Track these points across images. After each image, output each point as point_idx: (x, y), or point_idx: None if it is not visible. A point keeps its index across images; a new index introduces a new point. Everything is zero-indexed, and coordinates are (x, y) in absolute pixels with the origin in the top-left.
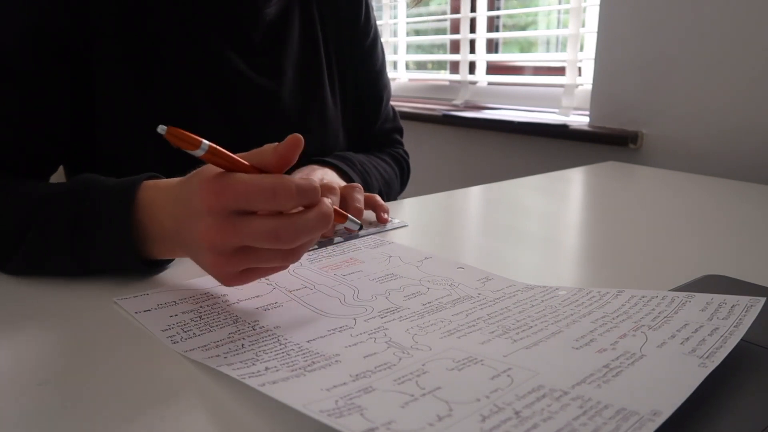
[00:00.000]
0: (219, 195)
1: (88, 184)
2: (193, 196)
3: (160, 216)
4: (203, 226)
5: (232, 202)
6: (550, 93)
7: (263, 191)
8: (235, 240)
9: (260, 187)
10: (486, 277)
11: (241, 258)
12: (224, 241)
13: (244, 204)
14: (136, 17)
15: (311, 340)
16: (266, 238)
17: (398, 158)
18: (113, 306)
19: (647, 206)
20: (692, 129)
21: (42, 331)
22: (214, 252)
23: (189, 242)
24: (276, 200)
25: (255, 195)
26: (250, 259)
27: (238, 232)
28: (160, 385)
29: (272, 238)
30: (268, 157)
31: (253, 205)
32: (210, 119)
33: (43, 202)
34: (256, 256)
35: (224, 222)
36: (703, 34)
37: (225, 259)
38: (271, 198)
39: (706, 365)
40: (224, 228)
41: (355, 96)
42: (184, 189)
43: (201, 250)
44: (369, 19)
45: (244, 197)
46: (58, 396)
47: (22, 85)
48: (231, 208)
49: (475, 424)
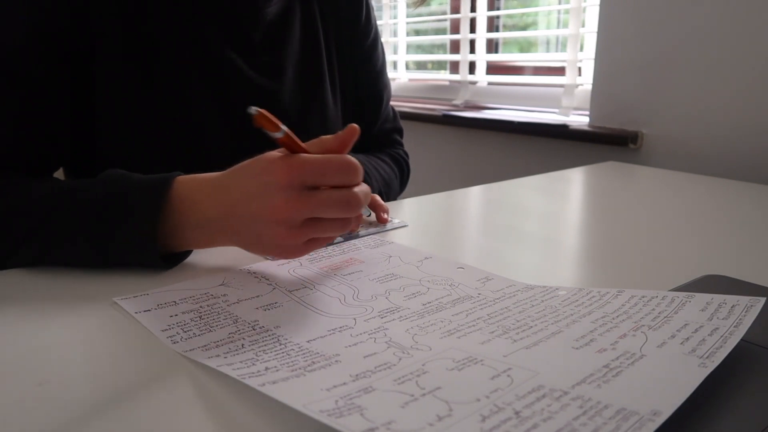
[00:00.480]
0: (297, 170)
1: (119, 177)
2: (264, 175)
3: (201, 206)
4: (281, 199)
5: (309, 176)
6: (550, 93)
7: (339, 166)
8: (309, 211)
9: (335, 162)
10: (486, 277)
11: (307, 229)
12: (299, 212)
13: (319, 178)
14: (136, 17)
15: (311, 340)
16: (338, 206)
17: (398, 159)
18: (113, 306)
19: (647, 206)
20: (692, 129)
21: (42, 331)
22: (285, 225)
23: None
24: (348, 174)
25: (331, 169)
26: (315, 230)
27: (313, 203)
28: (160, 385)
29: (343, 205)
30: (330, 142)
31: (327, 179)
32: (210, 119)
33: (69, 191)
34: (321, 226)
35: (299, 195)
36: (703, 34)
37: (296, 230)
38: (345, 172)
39: (706, 365)
40: (300, 200)
41: (355, 96)
42: (241, 176)
43: (271, 225)
44: (370, 20)
45: (320, 172)
46: (58, 396)
47: (23, 85)
48: (306, 183)
49: (475, 424)
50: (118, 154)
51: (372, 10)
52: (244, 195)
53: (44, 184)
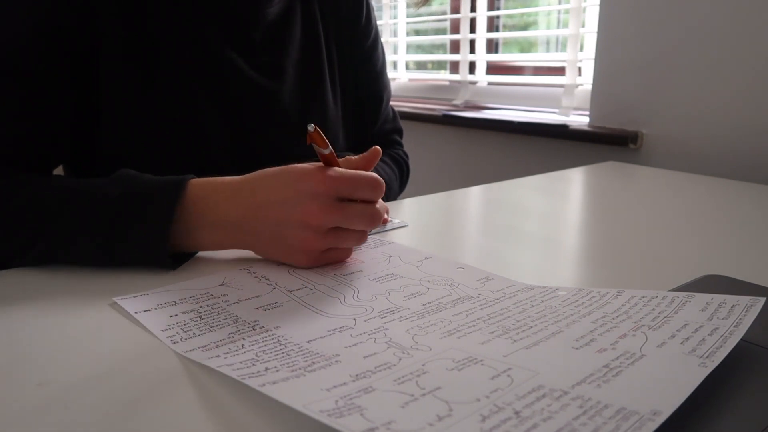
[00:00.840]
0: (333, 181)
1: (133, 177)
2: (302, 182)
3: (220, 207)
4: (315, 205)
5: (344, 188)
6: (550, 93)
7: (369, 183)
8: (338, 220)
9: (367, 179)
10: (486, 277)
11: (331, 237)
12: (331, 219)
13: (351, 191)
14: (136, 17)
15: (311, 341)
16: (364, 219)
17: (398, 159)
18: (113, 306)
19: (647, 206)
20: (692, 129)
21: (42, 330)
22: (312, 230)
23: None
24: (376, 191)
25: (362, 185)
26: (337, 239)
27: (342, 213)
28: (160, 386)
29: (368, 219)
30: (356, 162)
31: (357, 193)
32: (211, 119)
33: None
34: (343, 236)
35: (332, 204)
36: (703, 34)
37: (321, 237)
38: (373, 188)
39: (706, 365)
40: (332, 209)
41: (355, 96)
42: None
43: (299, 230)
44: (370, 20)
45: (353, 185)
46: (58, 396)
47: (24, 83)
48: (339, 194)
49: (475, 424)
50: (119, 152)
51: (372, 10)
52: (275, 199)
53: (53, 183)
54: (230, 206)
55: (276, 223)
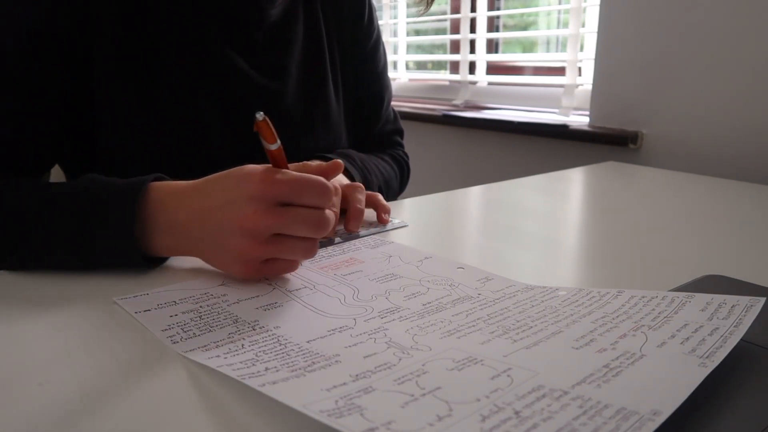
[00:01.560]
0: (275, 184)
1: (94, 182)
2: (241, 184)
3: (171, 209)
4: (251, 210)
5: (286, 191)
6: (550, 93)
7: (314, 187)
8: (276, 225)
9: (311, 182)
10: (486, 277)
11: (271, 246)
12: (269, 224)
13: (295, 196)
14: (135, 17)
15: (311, 341)
16: (307, 224)
17: (398, 159)
18: (113, 306)
19: (647, 206)
20: (692, 129)
21: (42, 331)
22: (249, 236)
23: (206, 232)
24: (322, 196)
25: (306, 189)
26: (278, 248)
27: (282, 218)
28: (160, 385)
29: (312, 225)
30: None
31: (302, 198)
32: (212, 119)
33: (48, 199)
34: (285, 245)
35: (270, 209)
36: (703, 34)
37: (257, 244)
38: (319, 193)
39: (706, 365)
40: (268, 213)
41: (356, 97)
42: (218, 183)
43: (235, 236)
44: (372, 21)
45: (297, 189)
46: (58, 396)
47: (16, 88)
48: (282, 198)
49: (475, 424)
50: (118, 154)
51: (374, 10)
52: (217, 203)
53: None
54: (180, 210)
55: (216, 229)
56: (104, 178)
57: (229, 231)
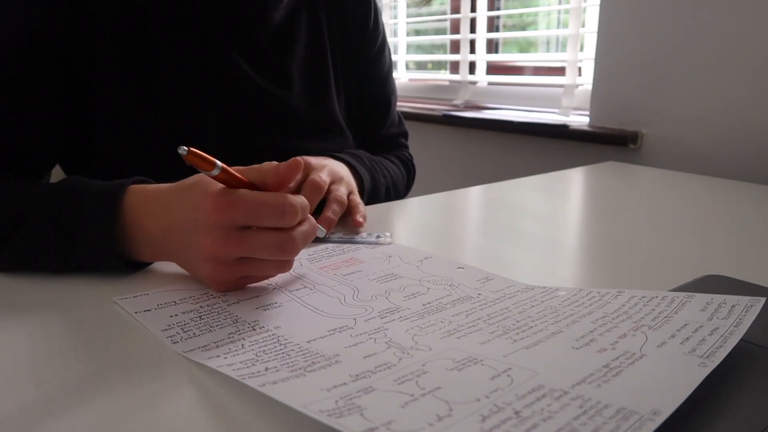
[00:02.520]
0: (229, 209)
1: (74, 186)
2: (196, 210)
3: (145, 221)
4: (209, 238)
5: (241, 217)
6: (550, 93)
7: (273, 209)
8: (239, 251)
9: (270, 205)
10: (486, 277)
11: (239, 267)
12: (229, 252)
13: (253, 220)
14: (136, 17)
15: (311, 341)
16: (271, 249)
17: (405, 161)
18: (113, 306)
19: (647, 206)
20: (692, 129)
21: (42, 331)
22: (215, 262)
23: (182, 251)
24: (284, 218)
25: (265, 212)
26: (248, 269)
27: (244, 244)
28: (160, 385)
29: (276, 249)
30: (269, 177)
31: (262, 222)
32: (214, 122)
33: (29, 203)
34: (254, 266)
35: (228, 236)
36: (703, 34)
37: (224, 268)
38: (280, 216)
39: (706, 365)
40: (230, 240)
41: (362, 100)
42: (179, 200)
43: (200, 261)
44: (378, 25)
45: (254, 213)
46: (58, 396)
47: (17, 88)
48: (239, 223)
49: (475, 424)
50: (118, 155)
51: (380, 14)
52: (178, 223)
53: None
54: (151, 222)
55: (183, 249)
56: (85, 181)
57: (194, 257)
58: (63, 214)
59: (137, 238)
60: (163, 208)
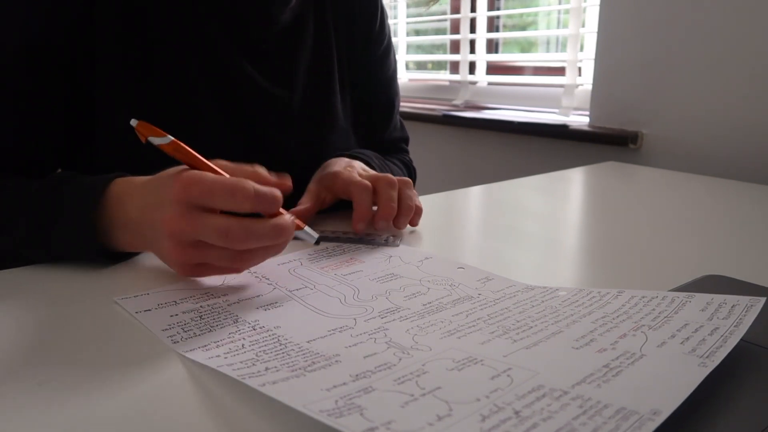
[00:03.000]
0: (186, 187)
1: (62, 179)
2: (162, 187)
3: (127, 206)
4: (168, 214)
5: (196, 195)
6: (550, 93)
7: (224, 189)
8: (192, 232)
9: (222, 185)
10: (486, 277)
11: (196, 251)
12: (183, 231)
13: (207, 199)
14: (137, 18)
15: (311, 340)
16: (217, 234)
17: (408, 165)
18: (113, 306)
19: (647, 206)
20: (692, 129)
21: (42, 330)
22: (173, 240)
23: (150, 231)
24: (234, 199)
25: (216, 192)
26: (204, 255)
27: (195, 225)
28: (160, 385)
29: (222, 235)
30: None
31: (214, 202)
32: (215, 123)
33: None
34: (209, 252)
35: (186, 213)
36: (703, 34)
37: (181, 249)
38: (230, 196)
39: (706, 365)
40: (185, 219)
41: (365, 102)
42: (154, 181)
43: (161, 238)
44: (384, 27)
45: (208, 193)
46: (58, 396)
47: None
48: (195, 202)
49: (475, 424)
50: (118, 158)
51: (386, 17)
52: (150, 203)
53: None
54: (131, 206)
55: (152, 228)
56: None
57: (160, 233)
58: (45, 203)
59: (118, 225)
60: (142, 191)
